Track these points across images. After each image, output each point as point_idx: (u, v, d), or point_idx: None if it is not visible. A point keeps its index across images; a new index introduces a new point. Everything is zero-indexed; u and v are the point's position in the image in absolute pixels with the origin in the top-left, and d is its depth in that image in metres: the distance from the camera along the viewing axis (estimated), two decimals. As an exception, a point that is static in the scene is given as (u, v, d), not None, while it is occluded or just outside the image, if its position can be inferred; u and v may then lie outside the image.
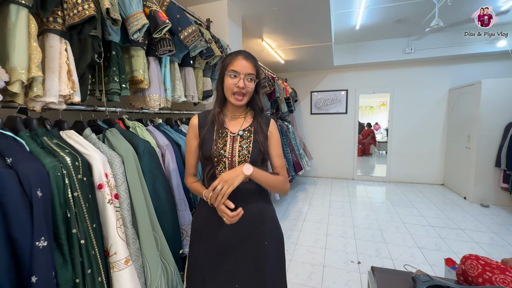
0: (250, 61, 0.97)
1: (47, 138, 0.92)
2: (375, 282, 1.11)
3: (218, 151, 0.97)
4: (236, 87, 0.95)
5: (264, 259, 0.99)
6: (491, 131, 3.58)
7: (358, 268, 2.17)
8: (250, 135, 1.01)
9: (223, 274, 0.98)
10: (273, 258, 1.02)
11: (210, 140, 0.99)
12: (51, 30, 0.92)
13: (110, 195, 0.98)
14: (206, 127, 1.01)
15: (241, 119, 1.05)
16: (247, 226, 0.98)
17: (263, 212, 1.02)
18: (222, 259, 0.98)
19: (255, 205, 1.00)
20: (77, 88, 0.98)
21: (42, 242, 0.74)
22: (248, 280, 0.98)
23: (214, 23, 2.28)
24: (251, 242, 0.99)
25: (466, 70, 4.44)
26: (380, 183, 5.04)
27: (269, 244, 1.01)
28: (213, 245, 0.99)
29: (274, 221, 1.07)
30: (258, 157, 1.00)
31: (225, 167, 0.97)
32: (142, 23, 1.16)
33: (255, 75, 0.98)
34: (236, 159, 0.97)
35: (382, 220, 3.21)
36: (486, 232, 2.82)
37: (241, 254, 0.98)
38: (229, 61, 0.97)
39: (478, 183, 3.69)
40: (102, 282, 0.91)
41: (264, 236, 1.01)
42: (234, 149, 0.98)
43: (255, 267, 0.98)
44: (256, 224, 1.00)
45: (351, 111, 5.26)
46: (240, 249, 0.98)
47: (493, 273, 1.09)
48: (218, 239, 0.98)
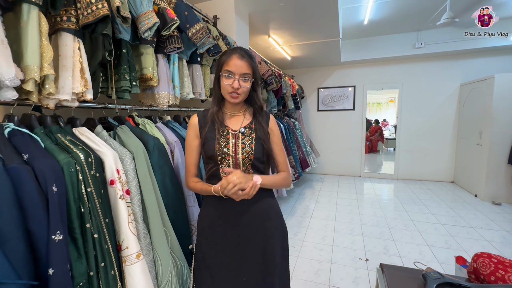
0: (245, 61, 0.95)
1: (61, 135, 0.94)
2: (384, 279, 1.10)
3: (221, 149, 0.97)
4: (231, 87, 0.94)
5: (272, 253, 1.01)
6: (504, 128, 3.48)
7: (366, 265, 2.16)
8: (251, 132, 1.02)
9: (232, 269, 0.99)
10: (279, 252, 1.05)
11: (212, 139, 0.99)
12: (65, 29, 0.94)
13: (122, 191, 1.00)
14: (207, 126, 1.01)
15: (240, 117, 1.05)
16: (253, 222, 1.00)
17: (268, 208, 1.04)
18: (231, 257, 0.99)
19: (261, 201, 1.02)
20: (89, 86, 1.00)
21: (58, 236, 0.76)
22: (256, 273, 0.99)
23: (221, 19, 2.28)
24: (258, 238, 1.00)
25: (478, 65, 4.32)
26: (388, 180, 4.98)
27: (276, 238, 1.03)
28: (221, 244, 1.00)
29: (279, 216, 1.09)
30: (262, 154, 1.01)
31: (229, 165, 0.98)
32: (153, 22, 1.17)
33: (251, 75, 0.96)
34: (240, 156, 0.98)
35: (390, 217, 3.17)
36: (498, 230, 2.77)
37: (249, 249, 1.00)
38: (224, 60, 0.96)
39: (490, 180, 3.61)
40: (115, 276, 0.93)
41: (270, 231, 1.02)
42: (237, 147, 0.98)
43: (263, 261, 1.00)
44: (263, 220, 1.01)
45: (358, 107, 5.19)
46: (248, 245, 1.00)
47: (506, 271, 1.07)
48: (226, 237, 0.99)
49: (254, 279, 0.99)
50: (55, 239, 0.75)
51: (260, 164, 1.02)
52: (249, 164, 0.99)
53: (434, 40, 4.24)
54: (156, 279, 1.09)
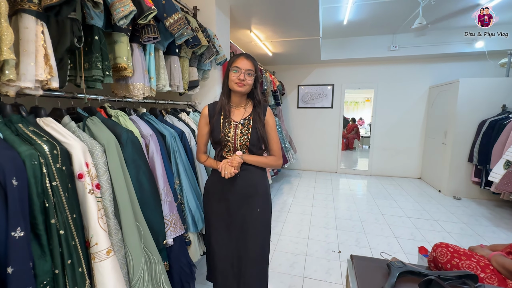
0: (250, 60, 1.24)
1: (23, 125, 0.87)
2: (353, 269, 1.16)
3: (224, 137, 1.26)
4: (238, 79, 1.21)
5: (255, 221, 1.29)
6: (466, 128, 3.77)
7: (338, 257, 2.26)
8: (249, 123, 1.28)
9: (223, 227, 1.31)
10: (263, 222, 1.31)
11: (218, 128, 1.27)
12: (26, 10, 0.86)
13: (91, 185, 0.95)
14: (215, 117, 1.29)
15: (242, 109, 1.31)
16: (242, 193, 1.28)
17: (256, 184, 1.30)
18: (223, 215, 1.31)
19: (252, 177, 1.29)
20: (55, 74, 0.93)
21: (18, 233, 0.71)
22: (241, 234, 1.29)
23: (201, 11, 2.22)
24: (246, 207, 1.28)
25: (446, 69, 4.62)
26: (362, 177, 5.21)
27: (261, 211, 1.30)
28: (218, 204, 1.31)
29: (266, 194, 1.34)
30: (257, 141, 1.27)
31: (230, 149, 1.28)
32: (129, 10, 1.12)
33: (253, 71, 1.25)
34: (238, 143, 1.26)
35: (362, 211, 3.34)
36: (457, 222, 3.01)
37: (238, 215, 1.29)
38: (233, 60, 1.25)
39: (452, 177, 3.91)
40: (82, 273, 0.89)
41: (256, 204, 1.29)
42: (236, 135, 1.26)
43: (248, 226, 1.28)
44: (251, 193, 1.29)
45: (336, 105, 5.35)
46: (237, 211, 1.28)
47: (460, 259, 1.18)
48: (222, 200, 1.30)
49: (239, 237, 1.29)
50: (15, 236, 0.70)
51: (256, 149, 1.29)
52: (246, 149, 1.27)
53: (408, 43, 4.46)
54: (128, 276, 1.06)
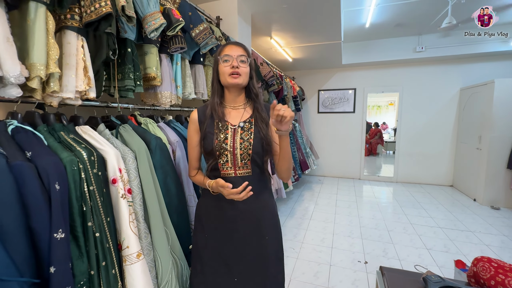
0: (239, 45, 1.00)
1: (64, 133, 0.94)
2: (384, 282, 1.10)
3: (219, 144, 0.97)
4: (231, 67, 0.95)
5: (265, 253, 1.02)
6: (503, 132, 3.50)
7: (365, 268, 2.16)
8: (251, 126, 1.01)
9: (222, 265, 1.01)
10: (274, 253, 1.05)
11: (211, 134, 0.99)
12: (69, 27, 0.94)
13: (124, 190, 0.99)
14: (206, 122, 1.01)
15: (241, 110, 1.04)
16: (247, 220, 1.00)
17: (265, 206, 1.04)
18: (221, 249, 1.01)
19: (257, 199, 1.01)
20: (92, 84, 1.00)
21: (60, 234, 0.75)
22: (248, 274, 1.00)
23: (224, 20, 2.28)
24: (252, 237, 1.01)
25: (478, 70, 4.35)
26: (387, 183, 4.99)
27: (270, 238, 1.04)
28: (214, 234, 1.02)
29: (274, 216, 1.09)
30: (260, 148, 0.99)
31: (228, 160, 0.97)
32: (160, 23, 1.17)
33: (246, 56, 0.99)
34: (238, 151, 0.97)
35: (389, 220, 3.18)
36: (497, 234, 2.77)
37: (242, 247, 1.00)
38: (221, 49, 1.00)
39: (489, 185, 3.62)
40: (115, 275, 0.93)
41: (265, 230, 1.03)
42: (235, 142, 0.98)
43: (256, 261, 1.01)
44: (257, 219, 1.02)
45: (358, 110, 5.21)
46: (241, 242, 1.00)
47: (506, 276, 1.07)
48: (219, 229, 1.02)
49: (245, 279, 1.00)
50: (57, 237, 0.75)
51: (259, 159, 1.01)
52: (248, 159, 0.98)
53: (435, 44, 4.26)
54: (156, 279, 1.08)
